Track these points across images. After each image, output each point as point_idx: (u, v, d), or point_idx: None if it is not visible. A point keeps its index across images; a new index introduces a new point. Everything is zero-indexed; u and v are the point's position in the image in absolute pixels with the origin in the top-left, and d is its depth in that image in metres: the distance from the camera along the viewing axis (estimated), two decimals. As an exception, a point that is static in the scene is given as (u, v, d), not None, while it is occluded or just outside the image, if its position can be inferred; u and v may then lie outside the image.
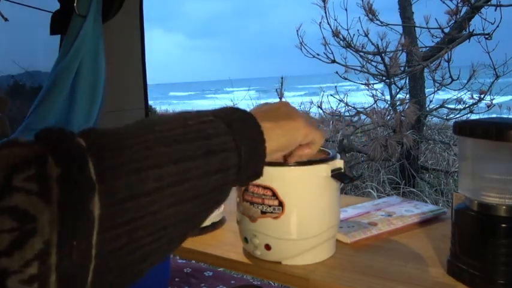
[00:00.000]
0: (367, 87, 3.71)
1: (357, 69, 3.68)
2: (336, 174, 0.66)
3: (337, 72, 3.69)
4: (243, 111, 0.48)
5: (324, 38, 3.59)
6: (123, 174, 0.34)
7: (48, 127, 0.35)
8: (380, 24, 3.48)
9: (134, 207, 0.34)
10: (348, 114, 4.01)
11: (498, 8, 2.98)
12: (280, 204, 0.65)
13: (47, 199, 0.30)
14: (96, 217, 0.31)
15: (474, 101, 3.55)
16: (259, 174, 0.49)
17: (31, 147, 0.33)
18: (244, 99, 5.88)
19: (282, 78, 4.18)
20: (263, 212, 0.66)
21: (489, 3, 3.09)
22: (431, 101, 3.86)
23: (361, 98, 4.12)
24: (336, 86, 3.99)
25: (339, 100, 3.94)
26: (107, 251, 0.32)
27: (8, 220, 0.29)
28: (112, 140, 0.36)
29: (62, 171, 0.31)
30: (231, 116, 0.45)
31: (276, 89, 4.15)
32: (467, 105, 3.62)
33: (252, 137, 0.46)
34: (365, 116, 3.88)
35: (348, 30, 3.55)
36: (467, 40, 3.23)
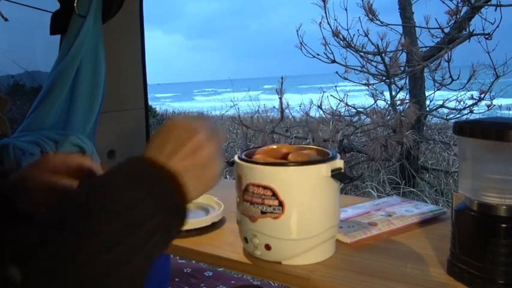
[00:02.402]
0: (367, 87, 3.71)
1: (357, 69, 3.68)
2: (336, 174, 0.66)
3: (337, 72, 3.69)
4: (170, 182, 0.47)
5: (324, 38, 3.59)
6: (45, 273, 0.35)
7: None
8: (380, 24, 3.49)
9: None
10: (348, 114, 4.01)
11: (498, 8, 2.99)
12: (280, 204, 0.65)
13: None
14: None
15: (474, 101, 3.55)
16: (181, 228, 0.49)
17: None
18: (244, 100, 5.88)
19: (282, 78, 4.18)
20: (263, 212, 0.66)
21: (489, 3, 3.09)
22: (431, 101, 3.86)
23: (361, 98, 4.12)
24: (335, 86, 3.99)
25: (339, 100, 3.94)
26: None
27: None
28: (46, 269, 0.36)
29: None
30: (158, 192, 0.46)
31: (276, 89, 4.14)
32: (467, 105, 3.62)
33: (170, 199, 0.47)
34: (365, 116, 3.88)
35: (348, 30, 3.56)
36: (467, 40, 3.23)
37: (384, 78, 3.63)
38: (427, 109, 3.88)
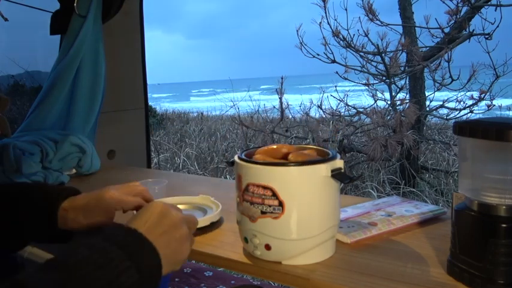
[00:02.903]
0: (367, 87, 3.71)
1: (357, 69, 3.68)
2: (336, 174, 0.66)
3: (337, 72, 3.69)
4: (151, 254, 0.53)
5: (324, 38, 3.60)
6: None
7: None
8: (380, 24, 3.49)
9: None
10: (348, 114, 4.01)
11: (498, 8, 2.99)
12: (280, 204, 0.65)
13: None
14: None
15: (474, 101, 3.55)
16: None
17: None
18: (244, 100, 5.87)
19: (282, 78, 4.18)
20: (263, 212, 0.66)
21: (489, 3, 3.09)
22: (431, 101, 3.87)
23: (361, 98, 4.12)
24: (335, 86, 3.99)
25: (339, 100, 3.94)
26: None
27: None
28: None
29: None
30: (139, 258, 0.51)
31: (276, 89, 4.15)
32: (467, 105, 3.62)
33: (151, 272, 0.53)
34: (365, 116, 3.88)
35: (348, 30, 3.56)
36: (467, 40, 3.23)
37: (384, 78, 3.63)
38: (427, 109, 3.88)
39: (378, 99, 3.68)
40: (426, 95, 3.85)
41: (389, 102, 3.73)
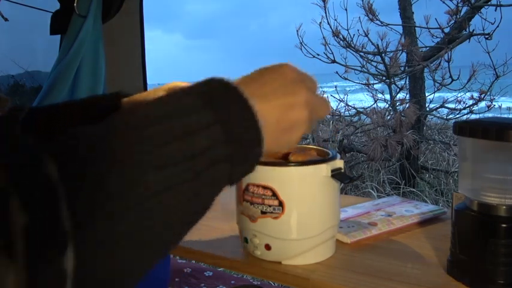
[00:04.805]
0: (367, 87, 3.71)
1: (357, 69, 3.68)
2: (336, 174, 0.66)
3: (337, 72, 3.69)
4: (240, 102, 0.39)
5: (324, 38, 3.59)
6: (100, 217, 0.29)
7: (8, 136, 0.31)
8: (380, 24, 3.49)
9: (111, 250, 0.30)
10: (348, 114, 4.01)
11: (498, 8, 2.99)
12: (280, 204, 0.65)
13: (11, 256, 0.25)
14: (69, 272, 0.27)
15: (474, 101, 3.55)
16: (250, 172, 0.43)
17: None
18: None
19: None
20: (263, 212, 0.66)
21: (489, 3, 3.09)
22: (431, 101, 3.86)
23: (361, 98, 4.12)
24: (336, 86, 3.99)
25: (339, 100, 3.94)
26: None
27: None
28: (87, 165, 0.30)
29: (30, 219, 0.26)
30: (227, 112, 0.38)
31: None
32: (467, 105, 3.62)
33: (248, 142, 0.40)
34: (365, 116, 3.88)
35: (348, 30, 3.56)
36: (467, 40, 3.23)
37: (384, 78, 3.63)
38: (427, 109, 3.88)
39: (377, 99, 3.68)
40: (426, 95, 3.84)
41: (389, 102, 3.73)
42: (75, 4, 1.35)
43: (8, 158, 0.28)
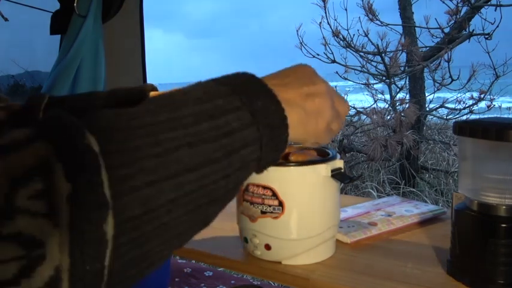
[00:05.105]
0: (367, 87, 3.71)
1: (357, 69, 3.68)
2: (336, 174, 0.66)
3: (337, 72, 3.69)
4: (265, 90, 0.41)
5: (324, 38, 3.60)
6: (138, 187, 0.31)
7: (49, 116, 0.31)
8: (380, 24, 3.49)
9: (148, 220, 0.31)
10: (347, 114, 4.00)
11: (498, 8, 2.99)
12: (280, 204, 0.65)
13: (55, 221, 0.27)
14: (109, 238, 0.29)
15: (474, 101, 3.55)
16: (276, 162, 0.44)
17: (33, 150, 0.28)
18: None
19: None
20: (263, 212, 0.66)
21: (489, 3, 3.09)
22: (431, 101, 3.87)
23: (361, 98, 4.12)
24: (335, 86, 3.99)
25: (339, 100, 3.93)
26: (118, 266, 0.30)
27: (13, 248, 0.26)
28: (125, 139, 0.32)
29: (73, 188, 0.28)
30: (254, 98, 0.40)
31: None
32: (467, 105, 3.62)
33: (274, 125, 0.41)
34: (365, 116, 3.88)
35: (348, 30, 3.56)
36: (467, 40, 3.23)
37: (384, 78, 3.63)
38: (427, 109, 3.88)
39: (377, 99, 3.68)
40: (426, 95, 3.85)
41: (389, 102, 3.73)
42: (75, 4, 1.35)
43: (51, 131, 0.30)
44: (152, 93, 0.69)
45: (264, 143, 0.40)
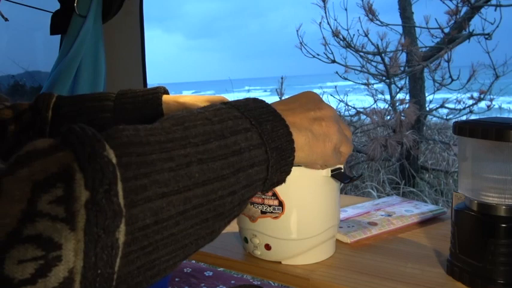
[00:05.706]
0: (367, 87, 3.71)
1: (357, 69, 3.68)
2: (336, 174, 0.66)
3: (337, 72, 3.69)
4: (274, 115, 0.44)
5: (324, 38, 3.60)
6: (151, 199, 0.32)
7: (71, 127, 0.33)
8: (380, 24, 3.49)
9: (157, 230, 0.33)
10: (348, 114, 4.01)
11: (498, 8, 2.99)
12: (280, 204, 0.65)
13: (72, 226, 0.29)
14: (120, 244, 0.31)
15: (474, 101, 3.55)
16: (281, 183, 0.46)
17: (56, 158, 0.31)
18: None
19: (282, 78, 4.18)
20: (263, 212, 0.66)
21: (489, 3, 3.09)
22: (431, 101, 3.87)
23: (361, 98, 4.12)
24: (336, 86, 4.00)
25: (339, 100, 3.94)
26: (126, 272, 0.32)
27: (32, 248, 0.28)
28: (141, 153, 0.34)
29: (91, 195, 0.30)
30: (263, 121, 0.42)
31: (276, 89, 4.15)
32: (467, 105, 3.62)
33: (282, 148, 0.43)
34: (365, 116, 3.88)
35: (348, 30, 3.56)
36: (467, 40, 3.23)
37: (384, 78, 3.63)
38: (427, 109, 3.88)
39: (377, 99, 3.69)
40: (426, 95, 3.85)
41: (389, 102, 3.73)
42: (75, 4, 1.35)
43: (74, 142, 0.32)
44: (164, 97, 0.73)
45: (271, 164, 0.42)
